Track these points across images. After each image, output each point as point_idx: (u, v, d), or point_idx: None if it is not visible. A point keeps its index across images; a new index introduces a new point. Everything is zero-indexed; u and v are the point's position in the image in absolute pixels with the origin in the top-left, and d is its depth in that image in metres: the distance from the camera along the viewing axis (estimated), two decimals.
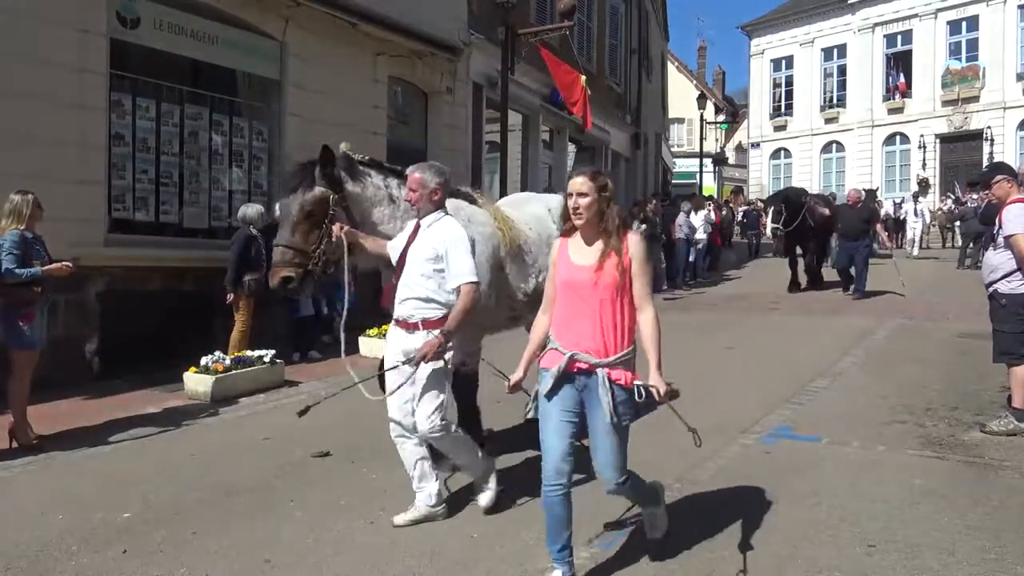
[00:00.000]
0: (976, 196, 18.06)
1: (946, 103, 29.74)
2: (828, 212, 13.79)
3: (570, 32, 14.67)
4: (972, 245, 16.47)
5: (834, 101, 33.95)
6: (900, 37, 31.71)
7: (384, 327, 8.81)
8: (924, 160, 30.23)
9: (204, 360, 6.95)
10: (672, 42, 32.91)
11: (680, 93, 36.93)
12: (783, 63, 35.77)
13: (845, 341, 9.00)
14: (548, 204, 5.26)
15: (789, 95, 35.48)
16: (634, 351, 3.06)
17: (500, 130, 12.75)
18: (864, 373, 7.45)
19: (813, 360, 7.91)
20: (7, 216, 5.33)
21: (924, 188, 22.90)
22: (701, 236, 16.90)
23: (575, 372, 3.05)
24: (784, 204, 13.87)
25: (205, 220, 9.08)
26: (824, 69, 34.28)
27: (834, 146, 33.95)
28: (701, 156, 29.32)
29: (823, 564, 3.38)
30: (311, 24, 9.74)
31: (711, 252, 18.36)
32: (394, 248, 3.99)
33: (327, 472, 4.76)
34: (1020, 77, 28.12)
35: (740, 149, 41.07)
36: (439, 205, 3.89)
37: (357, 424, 5.36)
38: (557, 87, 14.26)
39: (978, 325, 7.47)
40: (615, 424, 3.01)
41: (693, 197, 19.59)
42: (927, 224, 22.61)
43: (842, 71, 33.61)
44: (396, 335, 3.89)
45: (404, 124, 12.24)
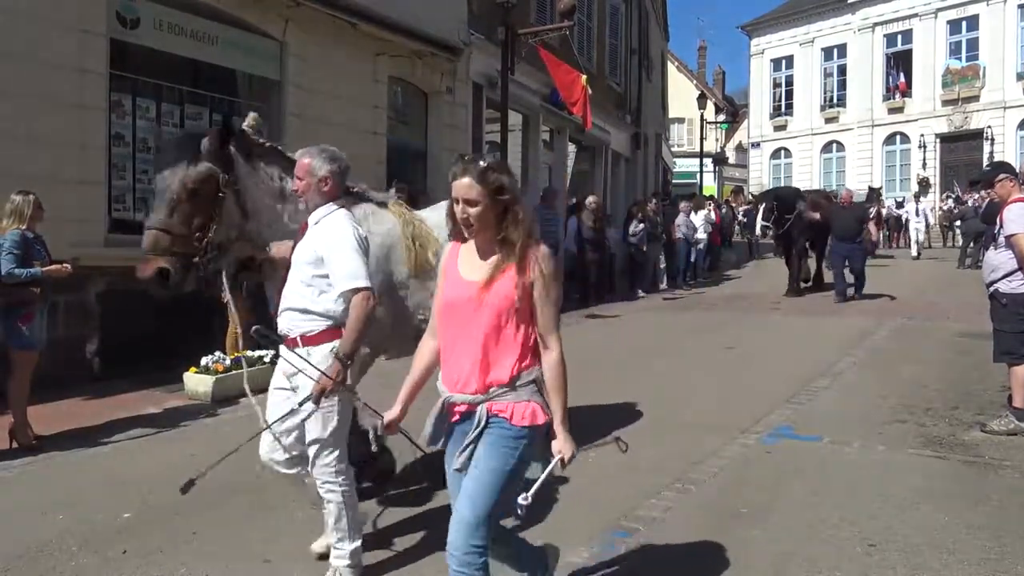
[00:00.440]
0: (977, 195, 18.05)
1: (946, 103, 29.74)
2: (818, 216, 13.27)
3: (570, 32, 14.66)
4: (973, 244, 16.47)
5: (834, 101, 33.97)
6: (900, 37, 31.72)
7: None
8: (924, 160, 30.23)
9: (204, 360, 6.95)
10: (672, 42, 32.92)
11: (680, 93, 36.92)
12: (783, 63, 35.78)
13: (845, 341, 9.00)
14: None
15: (789, 95, 35.50)
16: (538, 381, 2.47)
17: (500, 130, 12.74)
18: (864, 373, 7.45)
19: (813, 360, 7.91)
20: (8, 216, 5.34)
21: (924, 188, 22.89)
22: (701, 236, 16.91)
23: (458, 420, 2.49)
24: (776, 201, 13.69)
25: None
26: (824, 69, 34.30)
27: (834, 146, 33.96)
28: (701, 156, 29.32)
29: (823, 563, 3.38)
30: (311, 24, 9.74)
31: (711, 252, 18.37)
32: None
33: None
34: (1020, 76, 28.11)
35: (740, 149, 41.08)
36: (330, 197, 3.25)
37: None
38: (556, 87, 14.25)
39: (978, 325, 7.47)
40: (485, 470, 2.39)
41: (693, 197, 19.61)
42: (930, 224, 22.53)
43: (842, 71, 33.63)
44: (283, 352, 3.29)
45: (404, 124, 12.24)
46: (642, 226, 14.50)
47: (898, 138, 31.77)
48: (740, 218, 24.32)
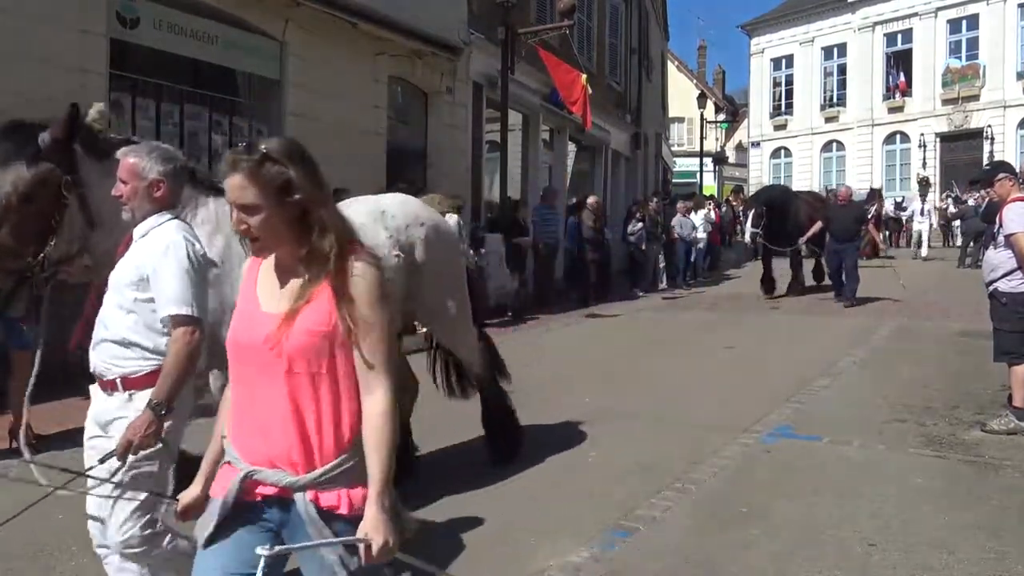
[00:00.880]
0: (978, 194, 18.04)
1: (946, 102, 29.76)
2: (818, 227, 12.61)
3: (570, 31, 14.66)
4: (973, 244, 16.46)
5: (834, 100, 33.99)
6: (900, 36, 31.74)
7: None
8: (924, 159, 30.24)
9: None
10: (672, 41, 32.93)
11: (680, 92, 36.91)
12: (783, 62, 35.80)
13: (845, 340, 9.00)
14: (381, 205, 4.03)
15: (789, 94, 35.52)
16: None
17: (500, 130, 12.74)
18: (864, 372, 7.45)
19: (813, 359, 7.91)
20: None
21: (924, 187, 22.86)
22: (701, 236, 16.91)
23: (258, 502, 1.79)
24: (765, 207, 13.06)
25: None
26: (824, 68, 34.33)
27: (834, 145, 33.98)
28: (701, 155, 29.32)
29: (823, 563, 3.38)
30: (311, 24, 9.73)
31: (711, 252, 18.38)
32: None
33: None
34: (1020, 76, 28.12)
35: (740, 148, 41.08)
36: (163, 205, 2.62)
37: None
38: (556, 87, 14.25)
39: (978, 324, 7.47)
40: None
41: (693, 196, 19.60)
42: (933, 224, 22.32)
43: (842, 70, 33.65)
44: (94, 396, 2.78)
45: (404, 124, 12.24)
46: (640, 225, 14.50)
47: (898, 137, 31.79)
48: (740, 217, 24.22)
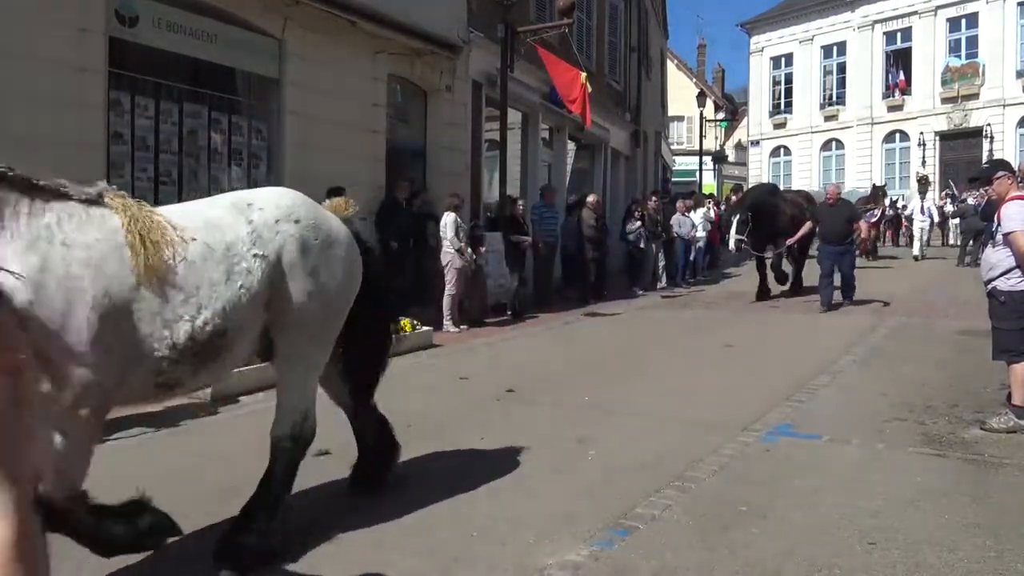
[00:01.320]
0: (977, 193, 18.02)
1: (946, 100, 29.77)
2: (808, 228, 12.38)
3: (569, 30, 14.65)
4: (972, 242, 16.46)
5: (834, 99, 34.00)
6: (900, 34, 31.75)
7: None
8: (924, 158, 30.25)
9: None
10: (671, 40, 32.91)
11: (680, 91, 36.91)
12: (783, 61, 35.80)
13: (845, 339, 9.00)
14: (250, 197, 3.50)
15: (789, 93, 35.53)
16: None
17: (500, 128, 12.74)
18: (864, 371, 7.45)
19: (813, 358, 7.91)
20: None
21: (924, 186, 22.85)
22: (701, 234, 16.91)
23: None
24: (751, 212, 12.60)
25: None
26: (824, 67, 34.33)
27: (834, 144, 33.99)
28: (701, 154, 29.32)
29: (823, 561, 3.38)
30: (310, 22, 9.73)
31: (710, 250, 18.37)
32: None
33: (326, 471, 4.75)
34: (1020, 74, 28.13)
35: (740, 147, 41.08)
36: None
37: None
38: (555, 86, 14.25)
39: (978, 323, 7.48)
40: None
41: (693, 195, 19.59)
42: (934, 222, 22.18)
43: (842, 69, 33.66)
44: None
45: (404, 122, 12.24)
46: (639, 224, 14.49)
47: (898, 136, 31.81)
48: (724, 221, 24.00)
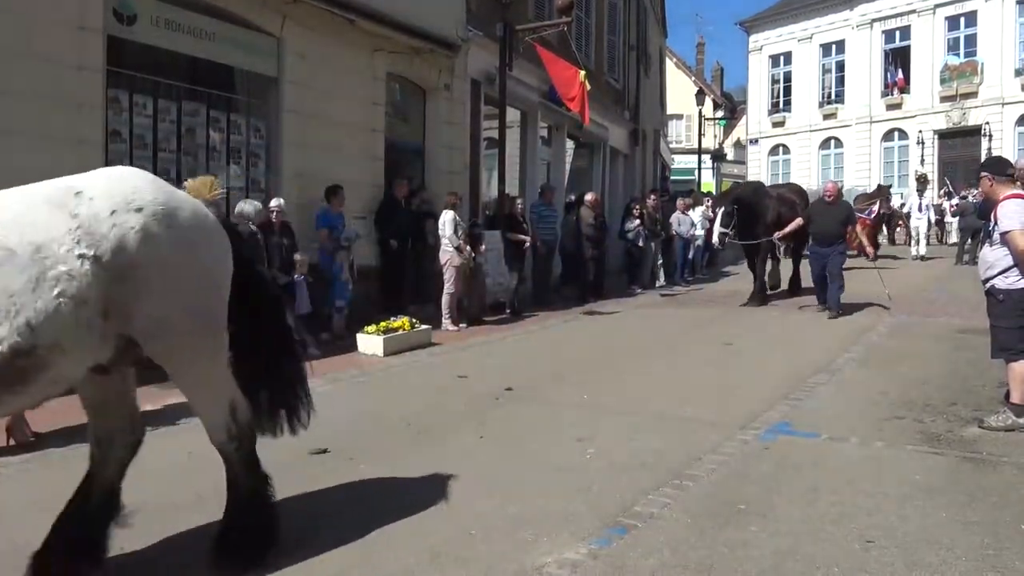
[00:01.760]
0: (977, 191, 18.02)
1: (944, 99, 29.76)
2: (798, 223, 11.72)
3: (568, 28, 14.65)
4: (971, 241, 16.47)
5: (833, 97, 33.98)
6: (898, 33, 31.74)
7: (387, 322, 8.72)
8: (923, 156, 30.24)
9: None
10: (670, 38, 32.99)
11: (678, 89, 36.91)
12: (782, 59, 35.79)
13: (844, 337, 9.01)
14: (79, 184, 2.97)
15: (788, 91, 35.51)
16: None
17: (498, 126, 12.74)
18: (863, 369, 7.46)
19: (812, 356, 7.91)
20: None
21: (923, 184, 22.84)
22: (699, 233, 16.90)
23: None
24: (735, 205, 12.31)
25: None
26: (823, 65, 34.31)
27: (832, 142, 33.98)
28: (700, 152, 29.33)
29: (821, 560, 3.38)
30: (309, 20, 9.72)
31: (709, 249, 18.35)
32: None
33: (325, 470, 4.75)
34: (1019, 73, 28.12)
35: (739, 145, 41.08)
36: None
37: (356, 421, 5.36)
38: (554, 84, 14.24)
39: (976, 321, 7.49)
40: None
41: (691, 193, 19.60)
42: (932, 221, 22.05)
43: (841, 67, 33.64)
44: None
45: (402, 121, 12.23)
46: (637, 222, 14.49)
47: (896, 134, 31.79)
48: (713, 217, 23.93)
